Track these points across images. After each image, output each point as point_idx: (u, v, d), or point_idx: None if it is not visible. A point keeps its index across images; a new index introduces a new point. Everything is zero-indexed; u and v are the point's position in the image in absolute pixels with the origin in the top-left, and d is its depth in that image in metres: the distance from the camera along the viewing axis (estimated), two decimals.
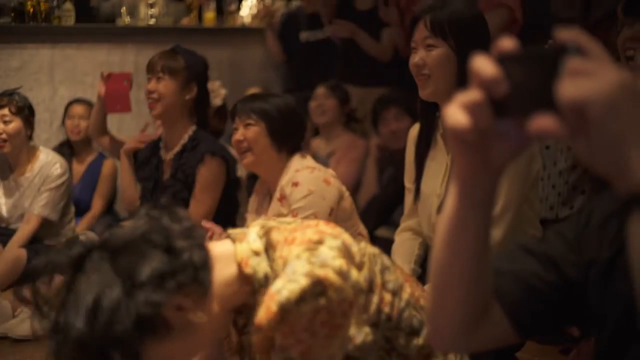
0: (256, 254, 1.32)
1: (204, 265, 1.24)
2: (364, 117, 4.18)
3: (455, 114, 0.79)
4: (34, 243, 3.43)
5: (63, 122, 4.18)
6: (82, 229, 3.86)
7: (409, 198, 2.34)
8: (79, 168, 4.12)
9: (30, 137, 3.56)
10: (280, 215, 2.49)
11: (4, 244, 3.42)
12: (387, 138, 3.86)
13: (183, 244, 1.23)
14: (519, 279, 1.06)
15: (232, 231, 1.40)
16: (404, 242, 2.34)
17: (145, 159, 3.12)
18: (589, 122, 0.69)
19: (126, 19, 4.80)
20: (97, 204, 4.02)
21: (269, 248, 1.33)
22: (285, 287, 1.23)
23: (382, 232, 3.48)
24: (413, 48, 2.15)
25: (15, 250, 3.36)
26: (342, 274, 1.25)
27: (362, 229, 2.64)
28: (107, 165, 4.11)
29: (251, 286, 1.32)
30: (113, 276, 1.18)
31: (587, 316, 1.05)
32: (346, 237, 1.33)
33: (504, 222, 2.06)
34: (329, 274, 1.24)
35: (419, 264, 2.30)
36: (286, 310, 1.22)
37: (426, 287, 1.56)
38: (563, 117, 0.70)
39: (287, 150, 2.58)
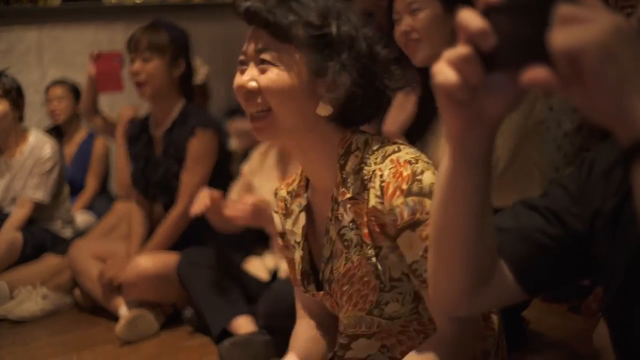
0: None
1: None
2: None
3: (444, 71, 0.77)
4: (29, 226, 3.40)
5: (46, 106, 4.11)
6: (78, 209, 3.85)
7: None
8: (70, 149, 4.08)
9: (20, 119, 3.52)
10: None
11: None
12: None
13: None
14: (523, 235, 1.04)
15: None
16: None
17: (134, 137, 3.08)
18: (585, 71, 0.66)
19: None
20: (92, 184, 3.99)
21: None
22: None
23: None
24: (396, 20, 2.09)
25: (10, 233, 3.33)
26: None
27: None
28: (99, 145, 4.07)
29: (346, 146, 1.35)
30: None
31: (595, 268, 1.03)
32: None
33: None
34: None
35: None
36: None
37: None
38: (557, 67, 0.67)
39: None
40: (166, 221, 2.89)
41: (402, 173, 1.25)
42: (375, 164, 1.29)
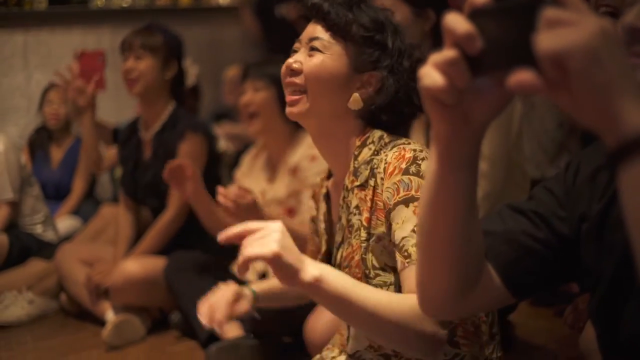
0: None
1: None
2: None
3: (431, 74, 0.77)
4: (13, 229, 3.34)
5: (40, 108, 4.07)
6: (65, 213, 3.80)
7: None
8: (58, 153, 4.03)
9: None
10: (291, 187, 2.47)
11: None
12: None
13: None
14: (509, 238, 1.04)
15: None
16: None
17: (124, 140, 3.07)
18: (571, 74, 0.66)
19: (100, 1, 4.71)
20: (78, 186, 3.93)
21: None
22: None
23: None
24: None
25: None
26: None
27: None
28: None
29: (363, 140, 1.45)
30: None
31: (582, 272, 1.02)
32: None
33: (491, 178, 2.05)
34: None
35: None
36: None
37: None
38: (543, 71, 0.67)
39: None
40: (156, 226, 2.88)
41: (404, 155, 1.35)
42: (384, 153, 1.39)
